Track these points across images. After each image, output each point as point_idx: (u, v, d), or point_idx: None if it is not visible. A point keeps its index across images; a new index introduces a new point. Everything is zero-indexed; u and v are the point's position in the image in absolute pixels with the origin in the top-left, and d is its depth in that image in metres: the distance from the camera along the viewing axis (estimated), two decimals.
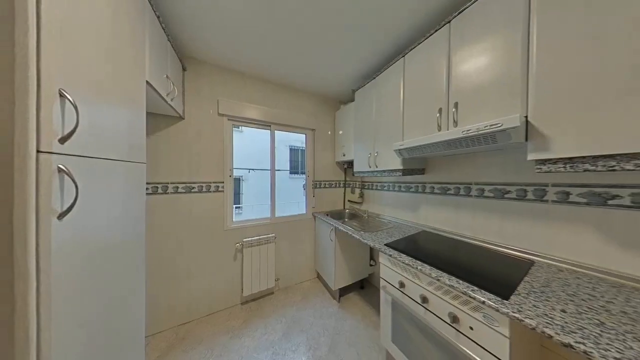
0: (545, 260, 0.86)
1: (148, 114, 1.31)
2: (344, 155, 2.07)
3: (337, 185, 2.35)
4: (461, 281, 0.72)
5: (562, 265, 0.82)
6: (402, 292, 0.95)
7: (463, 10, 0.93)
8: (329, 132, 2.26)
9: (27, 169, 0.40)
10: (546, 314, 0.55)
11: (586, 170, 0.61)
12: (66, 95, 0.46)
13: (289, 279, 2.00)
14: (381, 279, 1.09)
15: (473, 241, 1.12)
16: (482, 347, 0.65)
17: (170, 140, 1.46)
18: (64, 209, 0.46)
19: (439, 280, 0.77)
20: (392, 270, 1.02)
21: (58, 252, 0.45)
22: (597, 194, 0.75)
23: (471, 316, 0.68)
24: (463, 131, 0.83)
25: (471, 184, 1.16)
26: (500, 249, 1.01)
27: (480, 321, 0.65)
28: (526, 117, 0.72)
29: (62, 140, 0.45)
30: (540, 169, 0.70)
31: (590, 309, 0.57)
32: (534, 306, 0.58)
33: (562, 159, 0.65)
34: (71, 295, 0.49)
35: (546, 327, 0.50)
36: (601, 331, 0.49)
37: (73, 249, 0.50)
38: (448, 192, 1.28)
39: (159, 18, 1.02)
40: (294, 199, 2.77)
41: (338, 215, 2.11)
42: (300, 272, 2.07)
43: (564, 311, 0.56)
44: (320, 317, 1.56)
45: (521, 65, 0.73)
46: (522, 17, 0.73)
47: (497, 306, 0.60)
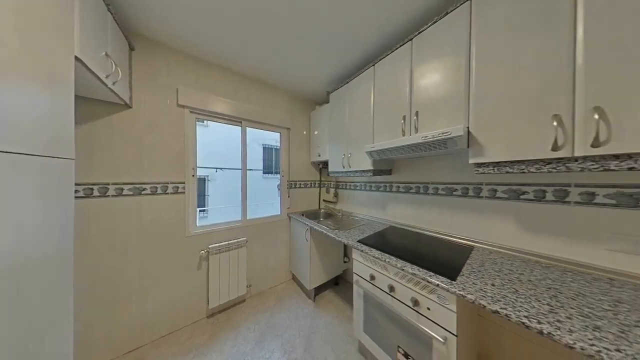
0: (481, 245, 1.06)
1: (80, 98, 1.07)
2: (319, 156, 2.10)
3: (313, 185, 2.36)
4: (421, 269, 0.82)
5: (492, 249, 1.02)
6: (373, 284, 1.03)
7: (422, 31, 1.06)
8: (304, 132, 2.26)
9: None
10: (481, 289, 0.67)
11: (507, 172, 0.78)
12: None
13: (262, 283, 1.91)
14: (354, 274, 1.15)
15: (430, 233, 1.29)
16: (437, 323, 0.75)
17: (113, 133, 1.21)
18: None
19: (403, 269, 0.86)
20: (364, 264, 1.09)
21: None
22: (514, 190, 0.96)
23: (428, 298, 0.78)
24: (422, 137, 0.95)
25: (429, 183, 1.33)
26: (450, 238, 1.19)
27: (435, 301, 0.76)
28: (468, 127, 0.86)
29: None
30: (478, 170, 0.86)
31: (509, 281, 0.73)
32: (473, 283, 0.71)
33: (492, 162, 0.81)
34: None
35: (481, 300, 0.62)
36: (516, 297, 0.63)
37: None
38: (410, 191, 1.44)
39: None
40: (268, 200, 2.67)
41: (313, 215, 2.12)
42: (275, 275, 2.01)
43: (493, 285, 0.70)
44: (295, 319, 1.54)
45: (464, 85, 0.88)
46: (465, 44, 0.88)
47: (447, 287, 0.70)
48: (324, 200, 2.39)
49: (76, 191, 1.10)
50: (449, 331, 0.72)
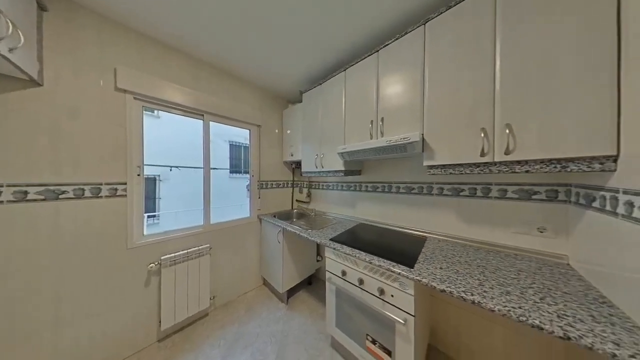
0: (432, 236, 1.24)
1: None
2: (292, 155, 2.07)
3: (285, 185, 2.31)
4: (386, 261, 0.91)
5: (440, 238, 1.20)
6: (344, 280, 1.07)
7: (387, 45, 1.17)
8: (276, 131, 2.18)
9: None
10: (432, 273, 0.79)
11: (450, 173, 0.94)
12: None
13: (229, 292, 1.76)
14: (327, 271, 1.18)
15: (394, 227, 1.44)
16: (399, 308, 0.84)
17: (7, 116, 0.90)
18: None
19: (371, 263, 0.93)
20: (336, 261, 1.13)
21: None
22: (455, 188, 1.17)
23: (392, 286, 0.87)
24: (387, 141, 1.05)
25: (392, 183, 1.48)
26: (409, 231, 1.35)
27: (398, 288, 0.85)
28: (423, 134, 1.00)
29: None
30: (430, 171, 1.00)
31: (452, 263, 0.88)
32: (427, 269, 0.83)
33: (440, 165, 0.96)
34: None
35: (432, 282, 0.73)
36: (457, 276, 0.76)
37: None
38: (377, 190, 1.57)
39: None
40: (236, 202, 2.46)
41: (286, 216, 2.08)
42: (244, 282, 1.87)
43: (441, 268, 0.83)
44: (267, 325, 1.47)
45: (420, 98, 1.02)
46: (420, 63, 1.02)
47: (407, 274, 0.80)
48: (297, 201, 2.37)
49: None
50: (408, 313, 0.82)
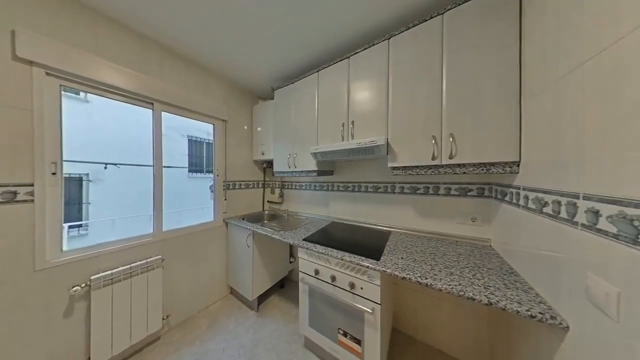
0: (396, 230, 1.38)
1: None
2: (262, 154, 1.97)
3: (256, 186, 2.18)
4: (356, 256, 0.97)
5: (401, 231, 1.36)
6: (317, 278, 1.09)
7: (357, 53, 1.24)
8: (245, 127, 2.04)
9: None
10: (395, 263, 0.88)
11: (409, 174, 1.07)
12: None
13: (188, 308, 1.55)
14: (300, 272, 1.17)
15: (363, 224, 1.54)
16: (367, 299, 0.91)
17: None
18: None
19: (342, 259, 0.97)
20: (309, 261, 1.13)
21: None
22: (413, 187, 1.34)
23: (361, 279, 0.93)
24: (357, 143, 1.12)
25: (362, 182, 1.58)
26: (376, 227, 1.47)
27: (366, 281, 0.91)
28: (387, 139, 1.11)
29: None
30: (393, 172, 1.12)
31: (411, 253, 1.00)
32: (390, 260, 0.92)
33: (401, 166, 1.08)
34: None
35: (395, 271, 0.81)
36: (414, 264, 0.87)
37: None
38: (348, 189, 1.66)
39: None
40: (197, 204, 2.19)
41: (256, 218, 1.96)
42: (207, 294, 1.68)
43: (402, 258, 0.94)
44: (234, 338, 1.36)
45: (385, 105, 1.12)
46: (385, 73, 1.12)
47: (374, 267, 0.87)
48: (268, 202, 2.27)
49: None
50: (375, 302, 0.89)
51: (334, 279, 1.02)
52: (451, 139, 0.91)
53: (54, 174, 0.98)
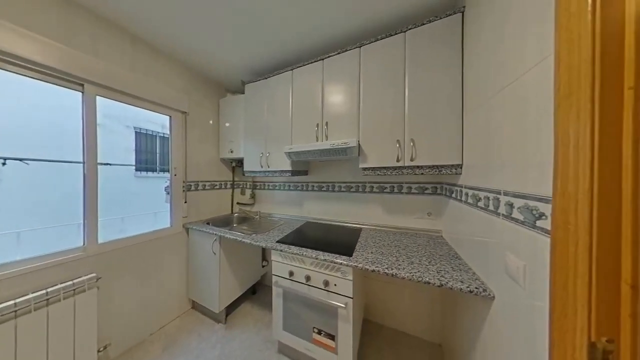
0: (366, 226, 1.48)
1: None
2: (231, 152, 1.82)
3: (223, 187, 2.00)
4: (330, 254, 0.99)
5: (371, 227, 1.46)
6: (292, 280, 1.07)
7: (331, 56, 1.28)
8: (211, 122, 1.85)
9: None
10: (366, 257, 0.95)
11: (377, 174, 1.16)
12: None
13: (136, 332, 1.30)
14: (273, 275, 1.13)
15: (337, 223, 1.59)
16: (341, 294, 0.94)
17: None
18: None
19: (317, 258, 0.98)
20: (283, 263, 1.10)
21: None
22: (381, 186, 1.46)
23: (335, 276, 0.96)
24: (330, 144, 1.15)
25: (335, 182, 1.63)
26: (349, 224, 1.54)
27: (340, 277, 0.94)
28: (359, 141, 1.17)
29: None
30: (364, 172, 1.19)
31: (379, 247, 1.08)
32: (362, 255, 0.98)
33: (371, 167, 1.16)
34: None
35: (366, 265, 0.87)
36: (382, 257, 0.95)
37: None
38: (323, 189, 1.69)
39: None
40: (148, 209, 1.86)
41: (224, 222, 1.80)
42: (161, 313, 1.45)
43: (371, 252, 1.01)
44: (198, 356, 1.22)
45: (357, 109, 1.19)
46: (357, 78, 1.19)
47: (347, 263, 0.91)
48: (238, 203, 2.11)
49: None
50: (348, 297, 0.93)
51: (308, 278, 1.02)
52: (412, 144, 1.03)
53: None
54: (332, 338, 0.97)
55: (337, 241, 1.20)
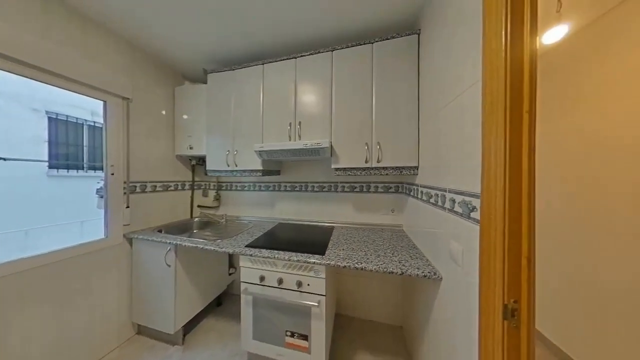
0: (338, 225, 1.54)
1: None
2: (190, 149, 1.61)
3: (180, 188, 1.75)
4: (303, 254, 0.99)
5: (343, 225, 1.52)
6: (263, 285, 1.02)
7: (304, 56, 1.28)
8: (163, 112, 1.59)
9: None
10: (337, 254, 0.98)
11: (348, 175, 1.22)
12: None
13: None
14: (242, 283, 1.05)
15: (310, 223, 1.60)
16: (314, 293, 0.95)
17: None
18: None
19: (290, 260, 0.97)
20: (252, 269, 1.04)
21: None
22: (351, 186, 1.54)
23: (307, 276, 0.96)
24: (304, 144, 1.15)
25: (308, 182, 1.64)
26: (322, 224, 1.57)
27: (313, 276, 0.95)
28: (331, 142, 1.21)
29: None
30: (336, 173, 1.24)
31: (350, 243, 1.14)
32: (334, 252, 1.01)
33: (342, 168, 1.21)
34: None
35: (338, 262, 0.90)
36: (352, 253, 1.01)
37: None
38: (295, 189, 1.67)
39: None
40: (70, 217, 1.46)
41: (182, 228, 1.58)
42: (92, 346, 1.16)
43: (343, 249, 1.05)
44: None
45: (329, 110, 1.22)
46: (329, 81, 1.23)
47: (320, 262, 0.92)
48: (199, 207, 1.88)
49: None
50: (320, 294, 0.95)
51: (281, 281, 0.99)
52: (378, 147, 1.13)
53: None
54: (305, 338, 0.97)
55: (310, 241, 1.21)
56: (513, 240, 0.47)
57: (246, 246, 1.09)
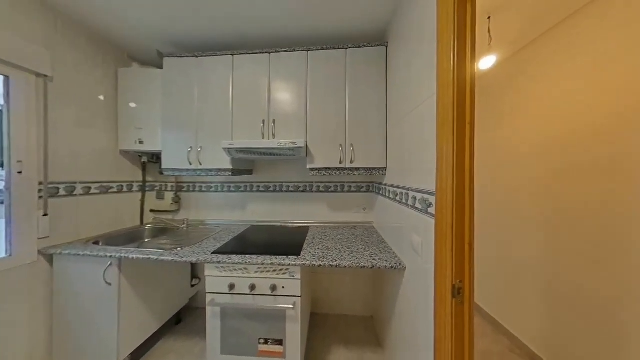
0: (313, 224, 1.54)
1: None
2: (140, 143, 1.36)
3: (126, 189, 1.47)
4: (278, 257, 0.96)
5: (318, 225, 1.54)
6: (233, 294, 0.95)
7: (278, 52, 1.24)
8: (101, 97, 1.31)
9: None
10: (313, 254, 0.99)
11: (324, 175, 1.24)
12: None
13: None
14: (207, 294, 0.95)
15: (285, 224, 1.56)
16: (289, 296, 0.93)
17: None
18: None
19: (263, 263, 0.92)
20: (220, 277, 0.95)
21: None
22: (326, 185, 1.57)
23: (282, 279, 0.93)
24: (278, 143, 1.11)
25: (283, 182, 1.60)
26: (297, 224, 1.55)
27: (288, 278, 0.93)
28: (306, 142, 1.21)
29: None
30: (311, 173, 1.24)
31: (325, 242, 1.17)
32: (309, 252, 1.01)
33: (318, 168, 1.23)
34: None
35: (313, 261, 0.91)
36: (328, 251, 1.03)
37: None
38: (270, 190, 1.60)
39: None
40: None
41: (128, 237, 1.33)
42: None
43: (318, 248, 1.07)
44: None
45: (305, 110, 1.22)
46: (305, 81, 1.22)
47: (295, 263, 0.91)
48: (152, 211, 1.61)
49: None
50: (296, 296, 0.94)
51: (253, 287, 0.94)
52: (351, 148, 1.18)
53: None
54: (280, 343, 0.95)
55: (285, 242, 1.18)
56: (459, 230, 0.56)
57: (213, 253, 0.99)
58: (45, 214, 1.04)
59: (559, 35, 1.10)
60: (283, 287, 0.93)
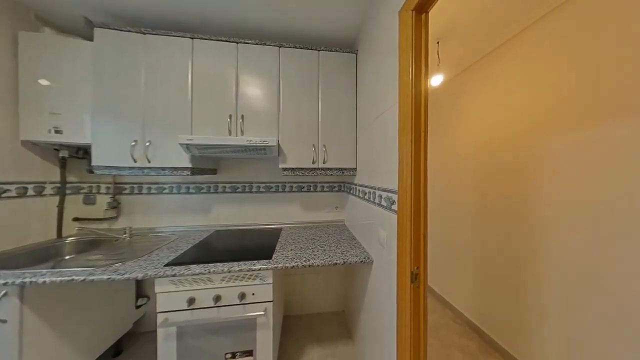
0: (286, 225, 1.51)
1: None
2: (57, 132, 1.06)
3: (33, 193, 1.11)
4: (246, 262, 0.89)
5: (291, 226, 1.51)
6: (193, 309, 0.84)
7: (248, 43, 1.16)
8: None
9: None
10: (286, 256, 0.97)
11: (296, 175, 1.23)
12: None
13: None
14: (159, 314, 0.81)
15: (255, 227, 1.47)
16: (260, 302, 0.88)
17: None
18: None
19: (230, 271, 0.85)
20: (177, 292, 0.83)
21: None
22: (300, 185, 1.56)
23: (252, 285, 0.88)
24: (247, 140, 1.04)
25: (253, 182, 1.50)
26: (268, 226, 1.48)
27: (258, 284, 0.88)
28: (279, 140, 1.17)
29: None
30: (284, 172, 1.21)
31: (297, 243, 1.15)
32: (282, 254, 0.98)
33: (290, 168, 1.21)
34: None
35: (286, 263, 0.89)
36: (301, 252, 1.02)
37: None
38: (237, 190, 1.48)
39: None
40: None
41: (37, 257, 1.02)
42: None
43: (291, 250, 1.05)
44: None
45: (277, 107, 1.18)
46: (277, 77, 1.18)
47: (266, 266, 0.87)
48: (75, 220, 1.27)
49: None
50: (268, 301, 0.90)
51: (218, 299, 0.85)
52: (324, 149, 1.21)
53: None
54: (250, 354, 0.89)
55: (256, 246, 1.11)
56: (415, 223, 0.64)
57: (166, 265, 0.86)
58: None
59: (486, 65, 1.39)
60: (253, 294, 0.88)
